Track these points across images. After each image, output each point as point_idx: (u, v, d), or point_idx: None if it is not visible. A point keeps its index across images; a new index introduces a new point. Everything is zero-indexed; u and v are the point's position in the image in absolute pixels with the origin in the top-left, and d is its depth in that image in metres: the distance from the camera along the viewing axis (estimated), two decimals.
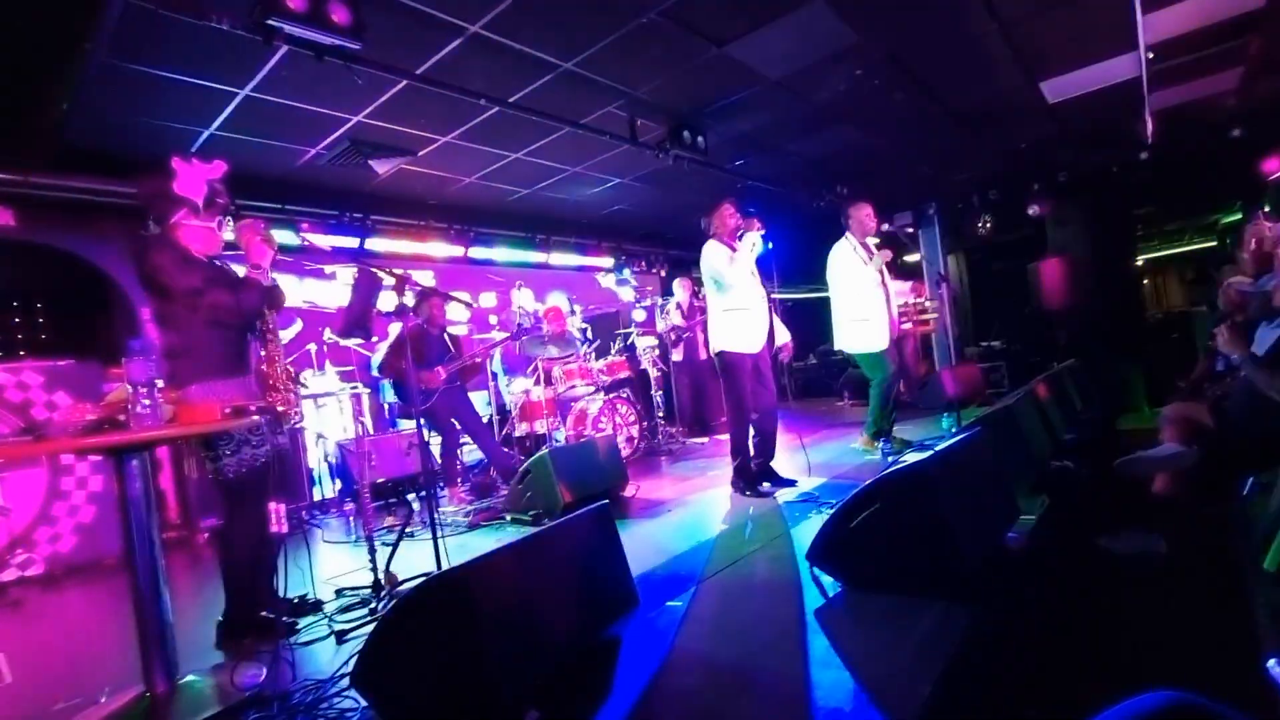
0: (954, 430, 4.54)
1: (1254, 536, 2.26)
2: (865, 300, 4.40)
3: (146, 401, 1.73)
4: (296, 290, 5.59)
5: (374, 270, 2.66)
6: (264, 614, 2.41)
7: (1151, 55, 4.69)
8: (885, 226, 4.56)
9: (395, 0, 3.14)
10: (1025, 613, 2.12)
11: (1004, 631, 1.95)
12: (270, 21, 2.81)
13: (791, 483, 3.89)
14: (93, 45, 3.14)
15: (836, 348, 4.72)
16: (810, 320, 6.93)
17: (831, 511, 2.52)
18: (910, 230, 4.92)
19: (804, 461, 4.13)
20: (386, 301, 4.93)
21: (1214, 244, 10.36)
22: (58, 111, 3.74)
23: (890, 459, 4.21)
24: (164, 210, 2.31)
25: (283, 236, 4.72)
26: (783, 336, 4.04)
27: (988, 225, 8.28)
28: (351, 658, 1.99)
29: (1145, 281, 12.50)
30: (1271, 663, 0.95)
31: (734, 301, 3.78)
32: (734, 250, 3.82)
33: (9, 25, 3.10)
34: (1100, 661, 1.70)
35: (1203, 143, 6.60)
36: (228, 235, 2.48)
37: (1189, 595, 2.12)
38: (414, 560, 2.90)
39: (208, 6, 2.82)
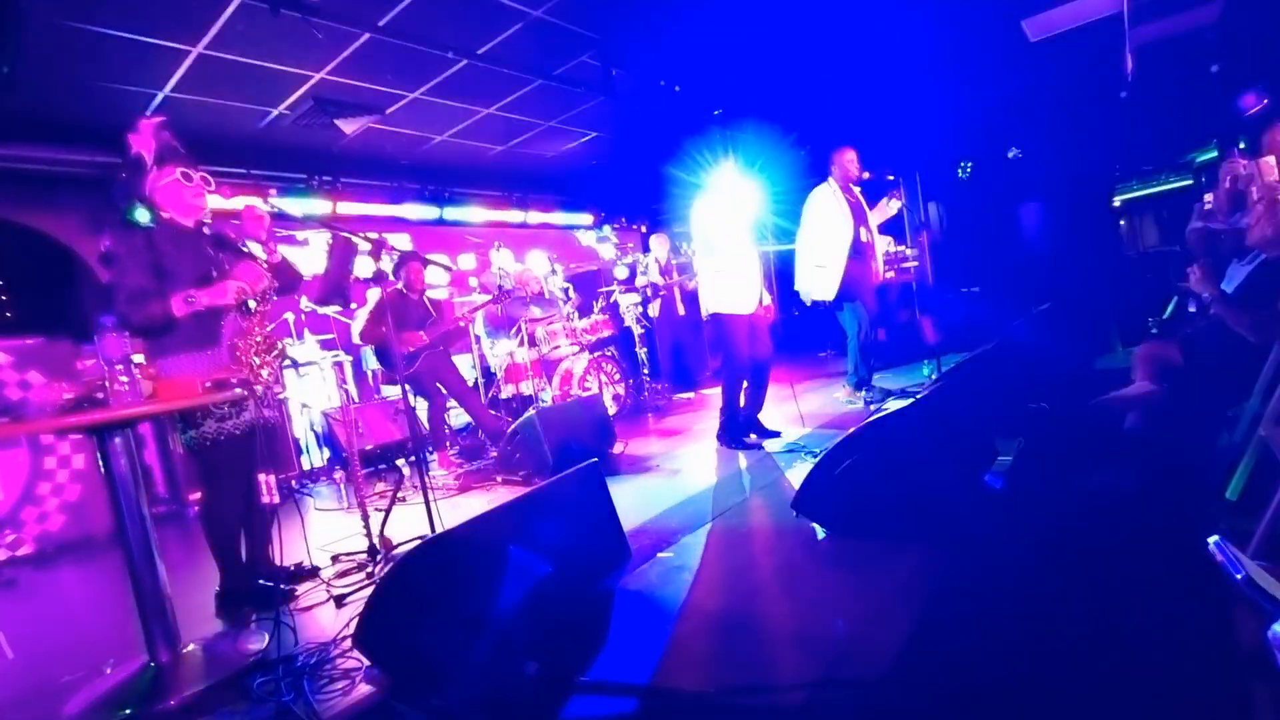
0: (934, 377, 4.63)
1: (1219, 468, 2.37)
2: (830, 248, 4.39)
3: (124, 378, 1.70)
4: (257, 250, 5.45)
5: (349, 236, 2.59)
6: (261, 582, 2.44)
7: None
8: (866, 175, 4.51)
9: None
10: (1002, 549, 2.21)
11: (983, 570, 2.04)
12: None
13: (776, 434, 3.96)
14: (28, 1, 2.96)
15: (796, 288, 4.70)
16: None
17: (816, 461, 2.59)
18: (891, 177, 4.89)
19: (795, 411, 4.19)
20: (364, 267, 4.84)
21: (1189, 182, 10.43)
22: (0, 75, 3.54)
23: (873, 407, 4.29)
24: (135, 183, 2.22)
25: (250, 203, 4.62)
26: (765, 298, 4.03)
27: (968, 170, 8.24)
28: (352, 620, 2.03)
29: (1122, 222, 12.59)
30: (1213, 540, 1.03)
31: (726, 262, 3.76)
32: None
33: None
34: (1073, 591, 1.79)
35: (1181, 80, 6.56)
36: (214, 199, 2.39)
37: (1158, 526, 2.22)
38: (408, 524, 2.93)
39: None
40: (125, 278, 2.09)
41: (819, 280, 4.44)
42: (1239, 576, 0.97)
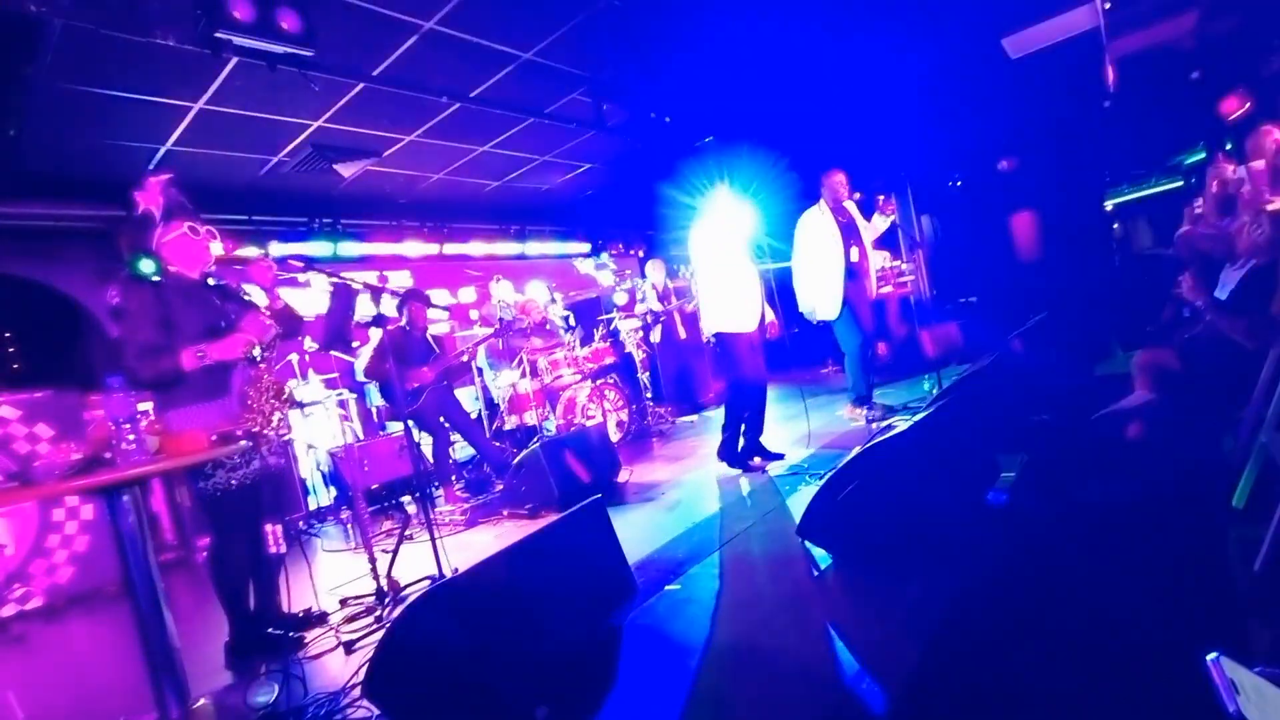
0: (935, 392, 4.63)
1: (1223, 476, 2.37)
2: (825, 268, 4.46)
3: (131, 437, 1.73)
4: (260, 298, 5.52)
5: (349, 282, 2.64)
6: (270, 630, 2.44)
7: (1109, 4, 4.71)
8: (858, 195, 4.57)
9: (345, 1, 3.08)
10: (1009, 571, 2.20)
11: (990, 589, 2.03)
12: (219, 34, 2.75)
13: (780, 456, 3.96)
14: (34, 69, 3.06)
15: (800, 309, 4.75)
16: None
17: (819, 485, 2.59)
18: (881, 197, 4.97)
19: (805, 429, 4.20)
20: (365, 309, 4.90)
21: (1180, 184, 10.52)
22: (5, 138, 3.64)
23: (875, 425, 4.29)
24: (141, 238, 2.28)
25: (251, 250, 4.70)
26: (768, 315, 4.07)
27: (958, 184, 8.34)
28: (361, 667, 2.04)
29: (1115, 226, 12.67)
30: (1211, 657, 0.96)
31: (727, 282, 3.81)
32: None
33: None
34: (1082, 609, 1.78)
35: (1163, 86, 6.66)
36: (216, 249, 2.45)
37: (1164, 537, 2.21)
38: (414, 563, 2.94)
39: (152, 23, 2.75)
40: (136, 334, 2.13)
41: (821, 299, 4.51)
42: (1230, 710, 0.91)
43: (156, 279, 2.32)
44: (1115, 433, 3.13)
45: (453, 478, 4.86)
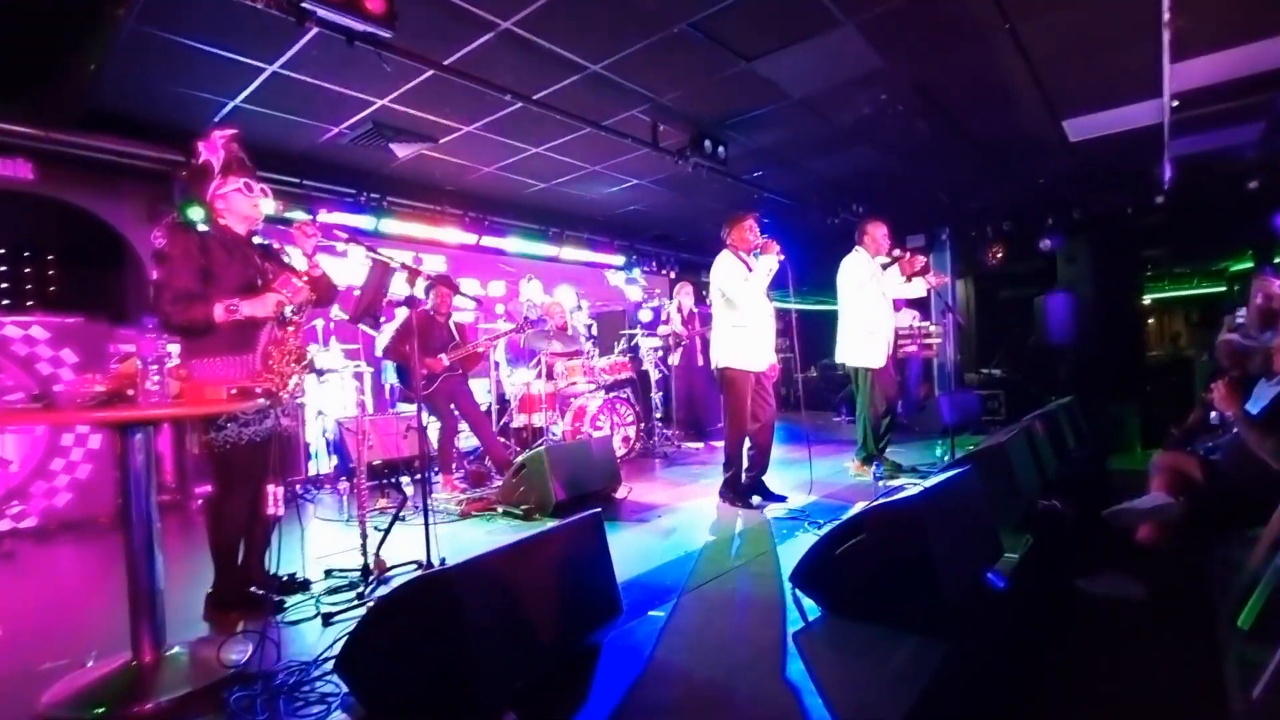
0: (947, 459, 4.58)
1: (1231, 593, 2.31)
2: (875, 315, 4.45)
3: (156, 379, 1.76)
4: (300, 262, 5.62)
5: (387, 261, 2.69)
6: (253, 589, 2.45)
7: (1176, 104, 4.70)
8: (897, 252, 4.57)
9: None
10: (1001, 650, 2.15)
11: (979, 667, 1.99)
12: (304, 4, 2.84)
13: (781, 498, 3.92)
14: (126, 11, 3.17)
15: (838, 360, 4.74)
16: (815, 333, 6.96)
17: (817, 534, 2.56)
18: (921, 254, 4.97)
19: (806, 476, 4.16)
20: (398, 287, 4.96)
21: (1223, 289, 10.39)
22: (86, 73, 3.76)
23: (882, 484, 4.25)
24: (196, 186, 2.34)
25: (298, 213, 4.79)
26: (772, 356, 4.04)
27: (999, 256, 8.31)
28: (336, 641, 2.03)
29: (1150, 320, 12.52)
30: None
31: (741, 319, 3.80)
32: (749, 268, 3.83)
33: None
34: (1070, 702, 1.74)
35: (1219, 190, 6.61)
36: (267, 208, 2.50)
37: (1163, 644, 2.16)
38: (403, 546, 2.94)
39: None
40: (174, 278, 2.18)
41: (869, 348, 4.47)
42: None
43: (203, 228, 2.38)
44: (1125, 531, 3.07)
45: (453, 466, 4.87)
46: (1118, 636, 2.21)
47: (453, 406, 4.77)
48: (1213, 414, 3.83)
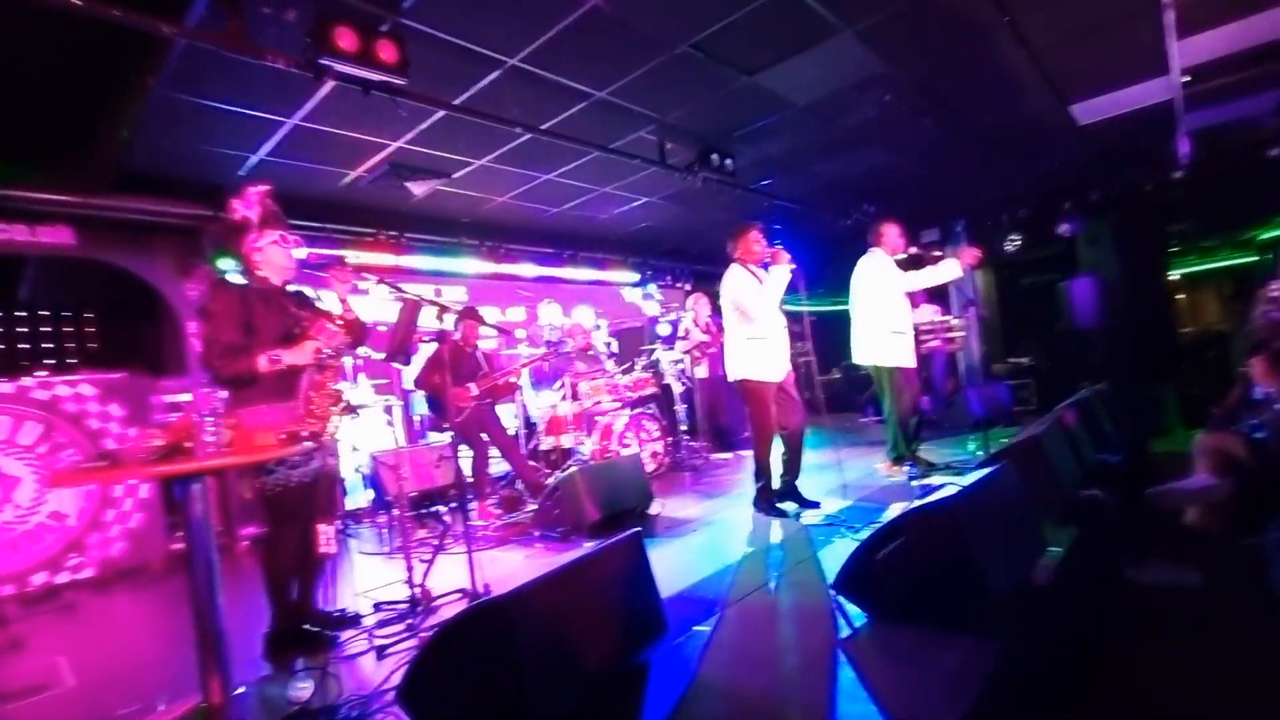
0: (980, 454, 4.52)
1: None
2: (899, 314, 4.44)
3: (212, 430, 1.84)
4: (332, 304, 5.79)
5: (418, 299, 2.78)
6: (307, 627, 2.52)
7: (1188, 78, 4.65)
8: (913, 250, 4.56)
9: (440, 37, 3.28)
10: (1053, 647, 2.13)
11: (1032, 667, 1.97)
12: (322, 60, 2.96)
13: (816, 505, 3.91)
14: (155, 81, 3.34)
15: (863, 362, 4.68)
16: (835, 335, 6.95)
17: (857, 540, 2.56)
18: (937, 249, 4.94)
19: (838, 480, 4.14)
20: (427, 322, 5.08)
21: (1254, 258, 10.13)
22: (119, 139, 3.95)
23: (915, 483, 4.21)
24: (231, 240, 2.45)
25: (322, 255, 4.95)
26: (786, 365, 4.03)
27: (1017, 244, 8.21)
28: (393, 673, 2.09)
29: (1181, 296, 12.22)
30: None
31: (757, 330, 3.80)
32: (759, 280, 3.85)
33: (80, 63, 3.31)
34: (1128, 698, 1.71)
35: (1240, 160, 6.49)
36: (299, 255, 2.61)
37: (1220, 631, 2.11)
38: (446, 575, 2.99)
39: (264, 47, 2.98)
40: (220, 333, 2.28)
41: (898, 347, 4.43)
42: None
43: (241, 281, 2.48)
44: (1171, 513, 3.02)
45: (487, 493, 4.94)
46: (1175, 626, 2.17)
47: (483, 435, 4.85)
48: (1254, 390, 3.75)
